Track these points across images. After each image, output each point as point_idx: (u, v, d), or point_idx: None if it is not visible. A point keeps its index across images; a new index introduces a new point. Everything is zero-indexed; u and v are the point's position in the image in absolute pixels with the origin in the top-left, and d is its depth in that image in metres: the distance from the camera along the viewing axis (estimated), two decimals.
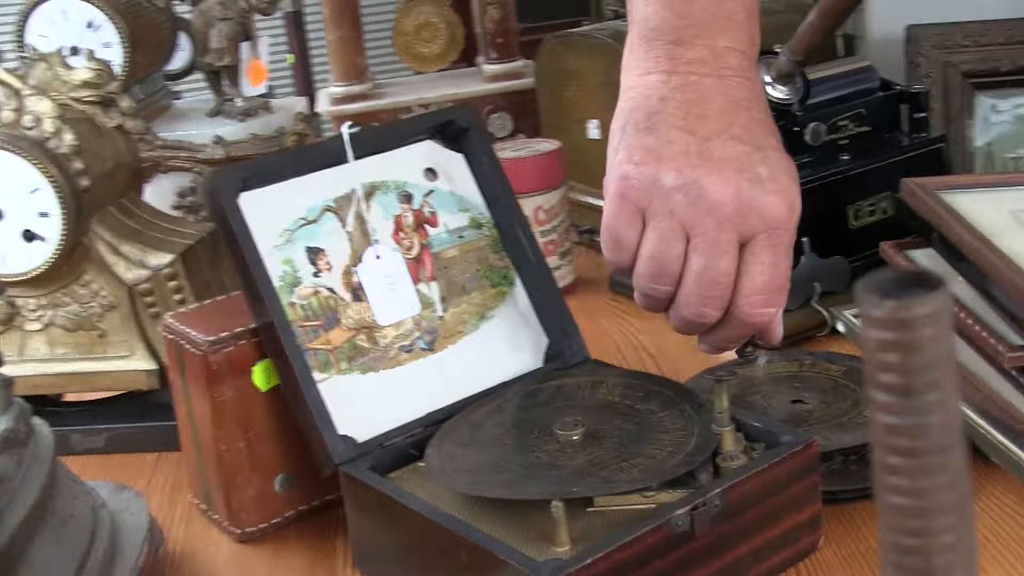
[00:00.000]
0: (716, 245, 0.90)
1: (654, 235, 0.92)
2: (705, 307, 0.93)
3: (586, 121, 1.60)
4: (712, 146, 0.91)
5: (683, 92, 0.93)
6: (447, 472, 0.93)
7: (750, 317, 0.93)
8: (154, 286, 1.21)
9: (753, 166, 0.91)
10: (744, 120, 0.93)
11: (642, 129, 0.93)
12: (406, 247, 1.08)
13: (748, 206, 0.90)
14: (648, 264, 0.93)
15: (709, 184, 0.90)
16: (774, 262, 0.92)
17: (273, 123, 1.51)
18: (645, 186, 0.92)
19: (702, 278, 0.91)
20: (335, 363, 1.02)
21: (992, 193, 1.21)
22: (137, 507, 1.02)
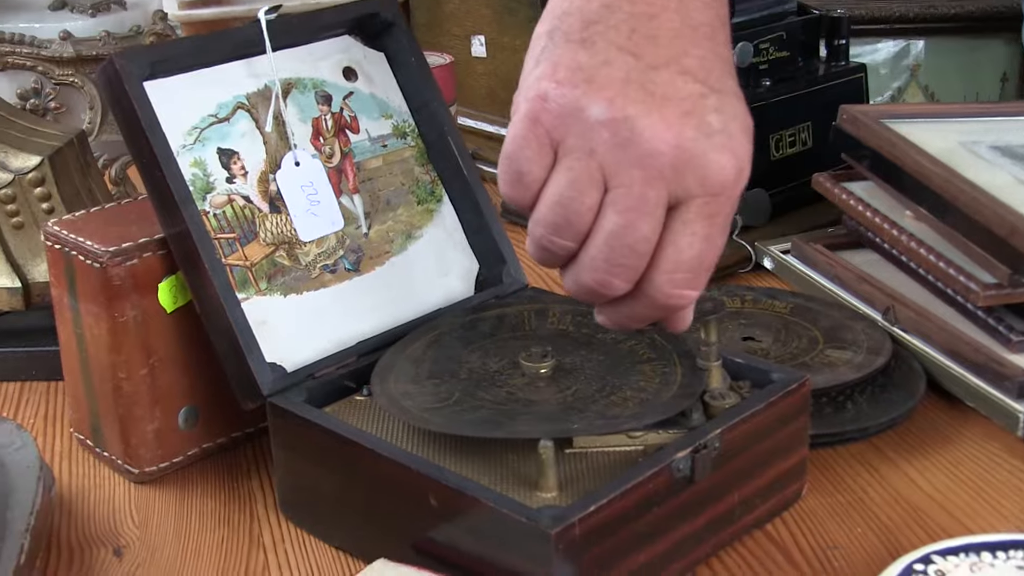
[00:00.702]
0: (641, 203, 0.71)
1: (565, 177, 0.73)
2: (612, 276, 0.74)
3: (470, 37, 1.48)
4: (658, 77, 0.72)
5: (633, 3, 0.74)
6: (410, 411, 0.81)
7: (666, 297, 0.74)
8: (16, 192, 1.05)
9: (704, 112, 0.72)
10: (702, 51, 0.74)
11: (574, 40, 0.74)
12: (326, 155, 0.96)
13: (688, 161, 0.71)
14: (552, 210, 0.73)
15: (646, 125, 0.71)
16: (707, 235, 0.73)
17: (127, 20, 1.36)
18: (565, 112, 0.72)
19: (615, 240, 0.72)
20: (254, 282, 0.89)
21: (937, 123, 1.15)
22: (21, 442, 0.87)
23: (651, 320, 0.78)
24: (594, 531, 0.72)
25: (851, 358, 0.98)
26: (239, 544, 0.86)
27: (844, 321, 1.04)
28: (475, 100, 1.50)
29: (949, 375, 0.98)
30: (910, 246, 1.07)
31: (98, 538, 0.87)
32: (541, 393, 0.83)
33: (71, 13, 1.37)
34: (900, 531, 0.85)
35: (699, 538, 0.80)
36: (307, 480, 0.84)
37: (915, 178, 1.05)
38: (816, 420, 0.90)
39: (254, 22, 0.93)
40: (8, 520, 0.80)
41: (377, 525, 0.80)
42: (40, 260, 1.07)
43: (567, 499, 0.76)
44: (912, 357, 1.01)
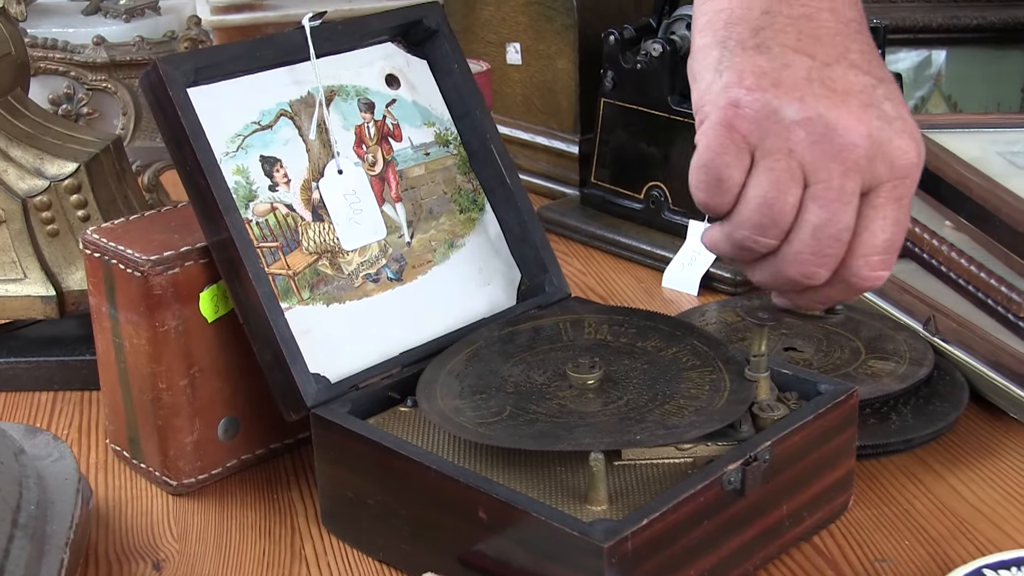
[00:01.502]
0: (841, 195, 0.74)
1: (767, 177, 0.75)
2: (819, 267, 0.76)
3: (505, 44, 1.47)
4: (834, 74, 0.75)
5: (790, 6, 0.77)
6: (465, 427, 0.80)
7: (863, 280, 0.77)
8: (52, 199, 1.04)
9: (879, 101, 0.75)
10: (860, 45, 0.77)
11: (750, 47, 0.76)
12: (369, 163, 0.95)
13: (879, 149, 0.75)
14: (756, 212, 0.75)
15: (837, 119, 0.74)
16: (897, 218, 0.76)
17: (161, 26, 1.35)
18: (760, 117, 0.75)
19: (821, 233, 0.75)
20: (296, 291, 0.89)
21: (975, 134, 1.14)
22: (59, 453, 0.86)
23: (842, 301, 0.83)
24: (646, 545, 0.71)
25: (894, 369, 0.97)
26: (281, 557, 0.85)
27: (885, 331, 1.03)
28: (510, 108, 1.49)
29: (992, 386, 0.97)
30: (951, 256, 1.06)
31: (137, 552, 0.86)
32: (592, 404, 0.82)
33: (105, 18, 1.36)
34: (948, 544, 0.84)
35: (748, 551, 0.79)
36: (351, 492, 0.83)
37: (956, 188, 1.04)
38: (861, 431, 0.89)
39: (298, 28, 0.93)
40: (48, 534, 0.79)
41: (423, 538, 0.79)
42: (75, 268, 1.06)
43: (617, 512, 0.76)
44: (954, 368, 1.00)
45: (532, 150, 1.48)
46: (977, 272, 1.02)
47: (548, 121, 1.47)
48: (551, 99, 1.45)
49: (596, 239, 1.35)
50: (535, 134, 1.48)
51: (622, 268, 1.30)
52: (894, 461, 0.93)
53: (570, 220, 1.37)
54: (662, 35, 1.31)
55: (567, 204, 1.41)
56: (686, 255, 1.24)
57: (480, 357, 0.89)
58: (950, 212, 1.06)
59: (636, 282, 1.26)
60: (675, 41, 1.28)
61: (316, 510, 0.88)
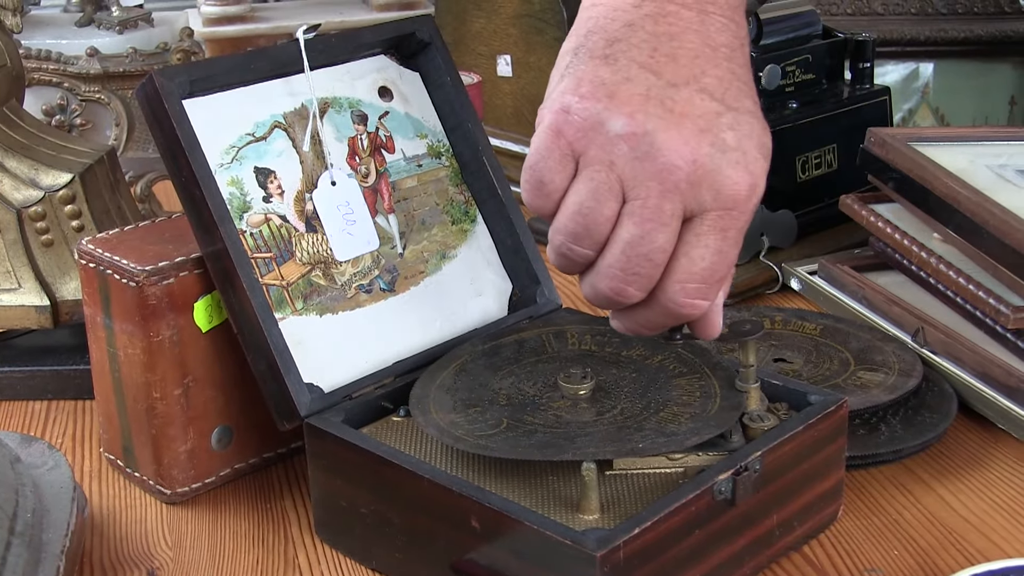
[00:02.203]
0: (657, 214, 0.73)
1: (586, 187, 0.75)
2: (628, 284, 0.76)
3: (496, 56, 1.48)
4: (677, 95, 0.74)
5: (655, 22, 0.76)
6: (465, 440, 0.81)
7: (678, 306, 0.76)
8: (47, 209, 1.05)
9: (720, 129, 0.74)
10: (720, 71, 0.76)
11: (598, 56, 0.76)
12: (362, 174, 0.96)
13: (704, 176, 0.73)
14: (572, 219, 0.75)
15: (664, 140, 0.73)
16: (719, 248, 0.75)
17: (154, 37, 1.35)
18: (587, 126, 0.74)
19: (632, 250, 0.74)
20: (290, 301, 0.89)
21: (963, 147, 1.15)
22: (54, 462, 0.87)
23: (664, 327, 0.80)
24: (638, 553, 0.72)
25: (883, 380, 0.98)
26: (274, 566, 0.85)
27: (874, 343, 1.04)
28: (501, 120, 1.50)
29: (981, 397, 0.98)
30: (939, 268, 1.07)
31: (131, 560, 0.87)
32: (586, 414, 0.83)
33: (98, 30, 1.37)
34: (937, 554, 0.84)
35: (739, 560, 0.80)
36: (344, 501, 0.84)
37: (944, 200, 1.05)
38: (850, 442, 0.90)
39: (292, 41, 0.93)
40: (44, 542, 0.79)
41: (416, 547, 0.80)
42: (69, 278, 1.06)
43: (609, 521, 0.76)
44: (943, 379, 1.01)
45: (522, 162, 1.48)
46: (965, 284, 1.03)
47: None
48: None
49: None
50: (526, 146, 1.48)
51: None
52: (883, 472, 0.93)
53: None
54: None
55: None
56: None
57: (468, 371, 0.89)
58: (938, 224, 1.07)
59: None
60: None
61: (309, 519, 0.89)
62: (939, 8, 2.03)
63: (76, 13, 1.42)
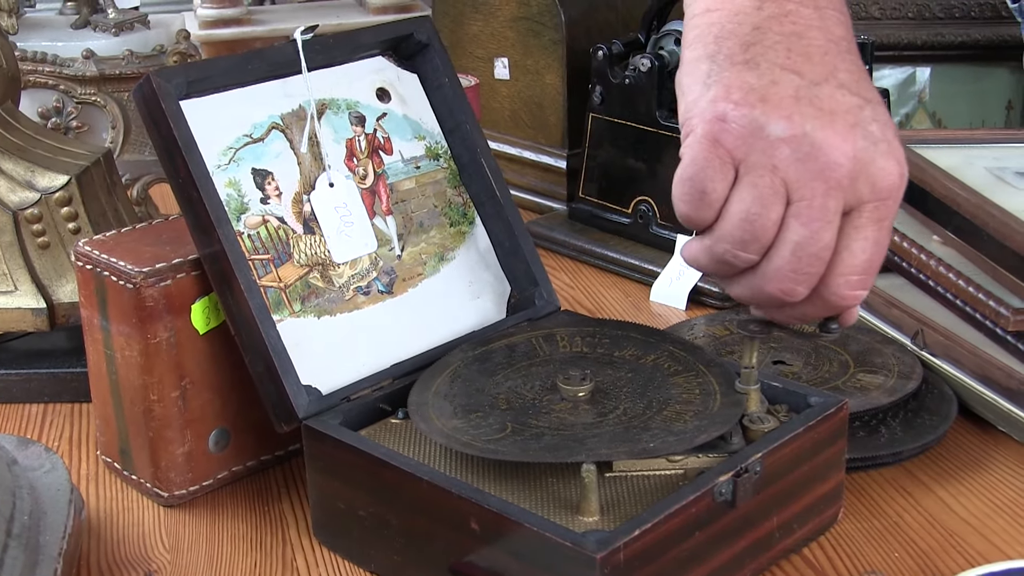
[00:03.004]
0: (823, 213, 0.74)
1: (750, 193, 0.75)
2: (798, 284, 0.76)
3: (493, 59, 1.48)
4: (822, 93, 0.75)
5: (780, 23, 0.77)
6: (473, 445, 0.80)
7: (841, 299, 0.78)
8: (43, 211, 1.04)
9: (866, 122, 0.75)
10: (848, 64, 0.77)
11: (739, 62, 0.76)
12: (360, 176, 0.95)
13: (862, 170, 0.75)
14: (738, 227, 0.75)
15: (823, 139, 0.74)
16: (877, 238, 0.76)
17: (150, 40, 1.35)
18: (746, 132, 0.74)
19: (801, 251, 0.75)
20: (288, 303, 0.89)
21: (961, 149, 1.14)
22: (50, 464, 0.86)
23: (820, 318, 0.81)
24: (638, 555, 0.71)
25: (883, 382, 0.98)
26: (272, 569, 0.85)
27: (874, 345, 1.04)
28: (498, 123, 1.50)
29: (980, 400, 0.98)
30: (938, 271, 1.06)
31: (129, 562, 0.86)
32: (589, 415, 0.82)
33: (94, 32, 1.36)
34: (938, 556, 0.84)
35: (739, 562, 0.79)
36: (342, 504, 0.83)
37: (943, 202, 1.04)
38: (850, 444, 0.89)
39: (290, 42, 0.93)
40: (41, 544, 0.79)
41: (415, 549, 0.80)
42: (65, 280, 1.06)
43: (609, 523, 0.76)
44: (943, 381, 1.00)
45: (520, 165, 1.48)
46: (965, 286, 1.03)
47: (536, 136, 1.47)
48: (539, 114, 1.46)
49: (584, 253, 1.35)
50: (523, 149, 1.48)
51: (610, 282, 1.31)
52: (883, 474, 0.93)
53: (558, 235, 1.38)
54: (650, 50, 1.32)
55: (555, 219, 1.42)
56: (674, 270, 1.25)
57: (462, 377, 0.89)
58: (938, 226, 1.07)
59: (624, 296, 1.26)
60: (663, 56, 1.29)
61: (307, 522, 0.89)
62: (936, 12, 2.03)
63: (72, 16, 1.42)
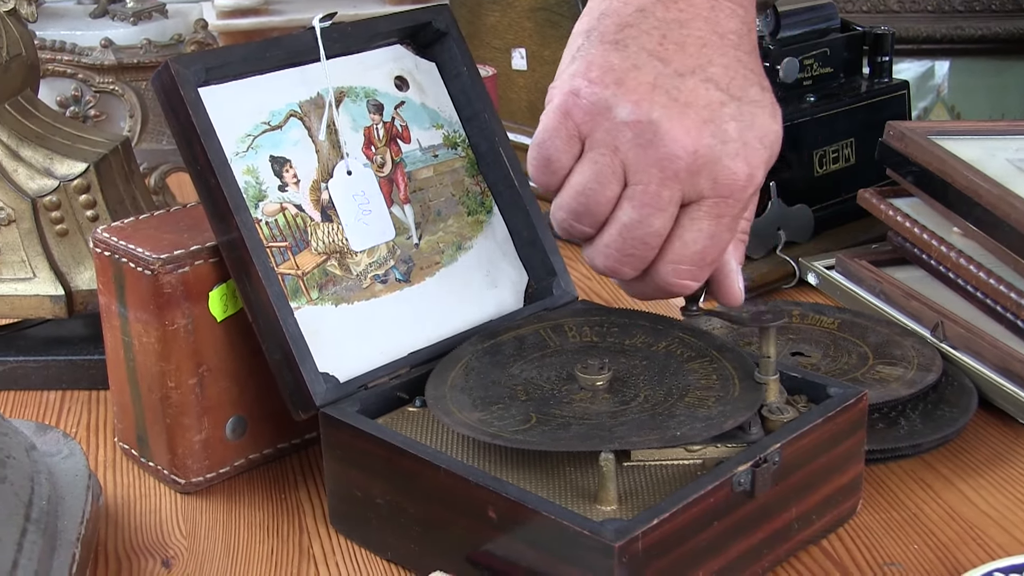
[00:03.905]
0: (655, 200, 0.77)
1: (590, 168, 0.78)
2: (623, 264, 0.80)
3: (511, 50, 1.47)
4: (683, 84, 0.77)
5: (666, 8, 0.79)
6: (503, 436, 0.79)
7: (669, 285, 0.81)
8: (61, 199, 1.04)
9: (722, 120, 0.77)
10: (727, 60, 0.78)
11: (608, 42, 0.78)
12: (378, 164, 0.95)
13: (703, 166, 0.77)
14: (575, 198, 0.79)
15: (668, 130, 0.76)
16: (713, 232, 0.79)
17: (168, 29, 1.35)
18: (595, 110, 0.77)
19: (629, 232, 0.78)
20: (305, 291, 0.89)
21: (982, 140, 1.14)
22: (68, 450, 0.86)
23: (660, 299, 0.85)
24: (657, 544, 0.71)
25: (902, 374, 0.97)
26: (289, 556, 0.85)
27: (893, 337, 1.03)
28: (515, 113, 1.50)
29: (1001, 392, 0.97)
30: (959, 262, 1.06)
31: (146, 549, 0.86)
32: (610, 404, 0.82)
33: (112, 21, 1.36)
34: (958, 548, 0.84)
35: (757, 553, 0.79)
36: (359, 492, 0.83)
37: (964, 193, 1.04)
38: (869, 436, 0.89)
39: (308, 29, 0.93)
40: (59, 529, 0.79)
41: (432, 537, 0.79)
42: (84, 268, 1.06)
43: (627, 512, 0.76)
44: (963, 374, 1.00)
45: None
46: (986, 278, 1.02)
47: None
48: None
49: None
50: None
51: None
52: (902, 466, 0.93)
53: None
54: None
55: None
56: None
57: (475, 370, 0.88)
58: (958, 218, 1.06)
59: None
60: None
61: (324, 510, 0.88)
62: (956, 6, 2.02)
63: (90, 5, 1.42)
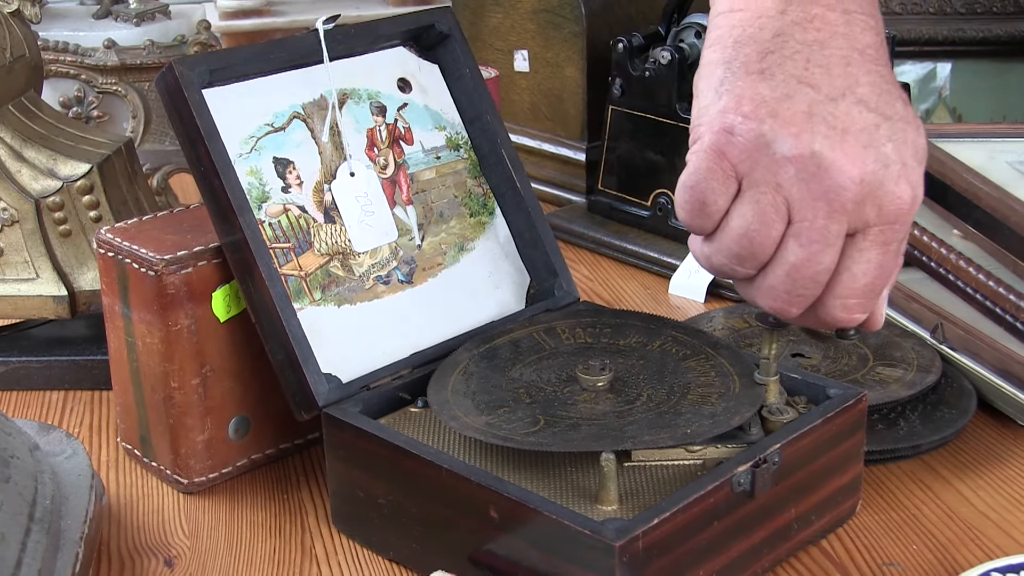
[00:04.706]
0: (824, 236, 0.73)
1: (752, 209, 0.73)
2: (791, 305, 0.75)
3: (513, 51, 1.48)
4: (837, 109, 0.73)
5: (804, 30, 0.74)
6: (514, 438, 0.79)
7: (836, 320, 0.76)
8: (65, 199, 1.05)
9: (880, 143, 0.73)
10: (871, 77, 0.74)
11: (754, 72, 0.73)
12: (380, 165, 0.96)
13: (869, 194, 0.72)
14: (736, 242, 0.74)
15: (832, 160, 0.72)
16: (881, 262, 0.74)
17: (171, 30, 1.35)
18: (752, 147, 0.72)
19: (797, 272, 0.74)
20: (308, 292, 0.89)
21: (983, 143, 1.14)
22: (71, 450, 0.87)
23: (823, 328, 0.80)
24: (657, 544, 0.71)
25: (902, 376, 0.98)
26: (291, 556, 0.85)
27: (893, 339, 1.04)
28: (517, 115, 1.50)
29: (1000, 394, 0.98)
30: (959, 264, 1.06)
31: (149, 548, 0.87)
32: (615, 404, 0.83)
33: (115, 22, 1.37)
34: (956, 548, 0.84)
35: (757, 553, 0.79)
36: (361, 492, 0.84)
37: (964, 196, 1.04)
38: (869, 437, 0.89)
39: (311, 31, 0.93)
40: (63, 528, 0.80)
41: (434, 537, 0.80)
42: (87, 268, 1.06)
43: (628, 512, 0.76)
44: (962, 375, 1.00)
45: (539, 157, 1.49)
46: (985, 280, 1.03)
47: (555, 128, 1.47)
48: (558, 106, 1.46)
49: (603, 246, 1.35)
50: (542, 141, 1.48)
51: (629, 275, 1.31)
52: (902, 467, 0.93)
53: (577, 227, 1.38)
54: (671, 43, 1.32)
55: (574, 211, 1.42)
56: (693, 263, 1.25)
57: (474, 375, 0.88)
58: (958, 220, 1.06)
59: (643, 289, 1.27)
60: (683, 49, 1.29)
61: (326, 509, 0.89)
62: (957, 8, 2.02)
63: (92, 5, 1.42)
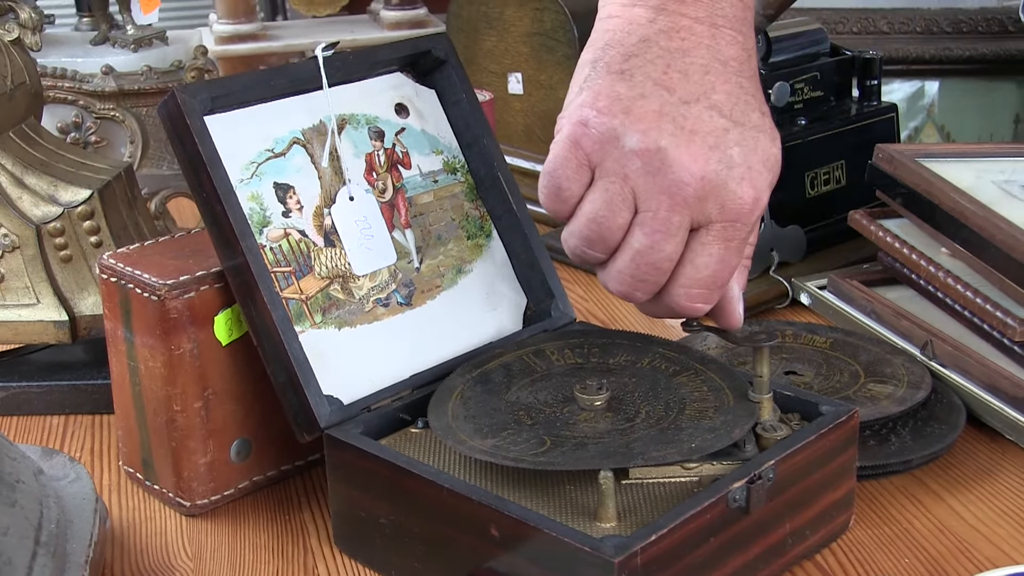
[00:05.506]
0: (666, 226, 0.79)
1: (600, 197, 0.80)
2: (635, 289, 0.82)
3: (507, 74, 1.49)
4: (688, 112, 0.79)
5: (669, 38, 0.80)
6: (524, 460, 0.80)
7: (681, 308, 0.83)
8: (65, 225, 1.06)
9: (727, 146, 0.79)
10: (729, 86, 0.80)
11: (615, 72, 0.80)
12: (379, 189, 0.97)
13: (711, 191, 0.79)
14: (586, 226, 0.81)
15: (676, 157, 0.78)
16: (722, 256, 0.81)
17: (169, 55, 1.37)
18: (604, 139, 0.80)
19: (641, 259, 0.81)
20: (309, 315, 0.90)
21: (969, 163, 1.16)
22: (75, 474, 0.88)
23: (672, 318, 0.87)
24: (655, 560, 0.73)
25: (892, 392, 0.99)
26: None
27: (884, 356, 1.05)
28: (512, 137, 1.52)
29: (989, 409, 0.99)
30: (947, 282, 1.08)
31: (152, 571, 0.88)
32: (616, 422, 0.84)
33: (113, 48, 1.38)
34: (947, 562, 0.85)
35: (752, 568, 0.81)
36: (363, 512, 0.85)
37: (951, 215, 1.06)
38: (861, 452, 0.91)
39: (310, 58, 0.95)
40: (68, 552, 0.80)
41: (435, 556, 0.81)
42: (87, 293, 1.08)
43: (626, 529, 0.77)
44: (951, 391, 1.02)
45: (533, 179, 1.49)
46: (973, 298, 1.04)
47: None
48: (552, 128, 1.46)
49: None
50: (536, 163, 1.50)
51: None
52: (893, 482, 0.95)
53: None
54: None
55: None
56: None
57: (471, 399, 0.89)
58: (946, 239, 1.08)
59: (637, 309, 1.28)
60: None
61: (328, 530, 0.90)
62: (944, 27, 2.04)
63: (88, 32, 1.43)
